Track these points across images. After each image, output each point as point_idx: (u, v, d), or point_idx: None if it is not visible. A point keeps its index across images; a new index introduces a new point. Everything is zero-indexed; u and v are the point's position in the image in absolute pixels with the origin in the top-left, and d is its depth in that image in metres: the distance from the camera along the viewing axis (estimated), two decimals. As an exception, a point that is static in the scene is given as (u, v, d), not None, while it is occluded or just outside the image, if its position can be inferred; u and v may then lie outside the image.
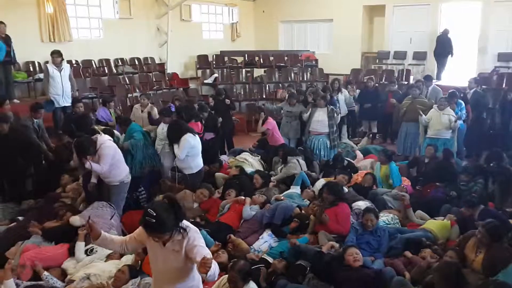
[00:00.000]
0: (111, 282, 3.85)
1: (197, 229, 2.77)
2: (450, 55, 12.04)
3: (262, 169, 7.00)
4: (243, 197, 5.43)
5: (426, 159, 6.97)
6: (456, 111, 7.70)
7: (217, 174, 6.59)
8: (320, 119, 7.53)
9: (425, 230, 4.71)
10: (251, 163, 6.87)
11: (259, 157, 7.46)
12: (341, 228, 4.61)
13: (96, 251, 4.38)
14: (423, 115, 7.53)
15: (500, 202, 5.36)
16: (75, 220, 4.64)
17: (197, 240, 2.66)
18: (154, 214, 2.51)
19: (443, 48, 12.08)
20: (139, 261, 4.19)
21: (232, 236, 4.68)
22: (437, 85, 9.63)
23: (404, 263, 4.08)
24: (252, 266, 3.79)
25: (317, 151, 7.56)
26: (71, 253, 4.36)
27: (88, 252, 4.38)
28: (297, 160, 6.53)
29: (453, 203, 5.52)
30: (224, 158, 7.59)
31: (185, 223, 2.70)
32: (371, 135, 9.86)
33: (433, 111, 7.54)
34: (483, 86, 9.56)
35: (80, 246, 4.36)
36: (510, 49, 12.00)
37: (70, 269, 4.21)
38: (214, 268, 2.50)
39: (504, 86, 10.63)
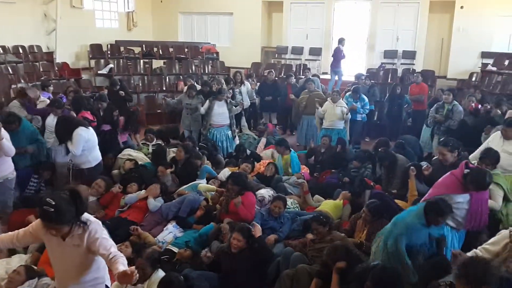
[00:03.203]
0: (3, 284, 3.53)
1: (99, 221, 2.67)
2: None
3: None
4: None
5: (322, 148, 7.36)
6: (358, 108, 8.25)
7: (113, 171, 6.30)
8: (220, 112, 7.59)
9: (321, 212, 4.96)
10: (136, 157, 6.65)
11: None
12: (248, 214, 4.70)
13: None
14: (320, 108, 7.93)
15: (386, 184, 5.82)
16: None
17: (99, 232, 2.58)
18: (53, 203, 2.35)
19: None
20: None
21: (139, 229, 4.56)
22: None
23: (302, 243, 4.25)
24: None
25: (219, 143, 7.61)
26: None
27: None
28: None
29: (345, 187, 5.90)
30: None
31: (85, 216, 2.58)
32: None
33: (327, 103, 7.98)
34: (372, 81, 10.30)
35: None
36: (394, 47, 13.11)
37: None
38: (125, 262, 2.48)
39: (389, 81, 11.63)
